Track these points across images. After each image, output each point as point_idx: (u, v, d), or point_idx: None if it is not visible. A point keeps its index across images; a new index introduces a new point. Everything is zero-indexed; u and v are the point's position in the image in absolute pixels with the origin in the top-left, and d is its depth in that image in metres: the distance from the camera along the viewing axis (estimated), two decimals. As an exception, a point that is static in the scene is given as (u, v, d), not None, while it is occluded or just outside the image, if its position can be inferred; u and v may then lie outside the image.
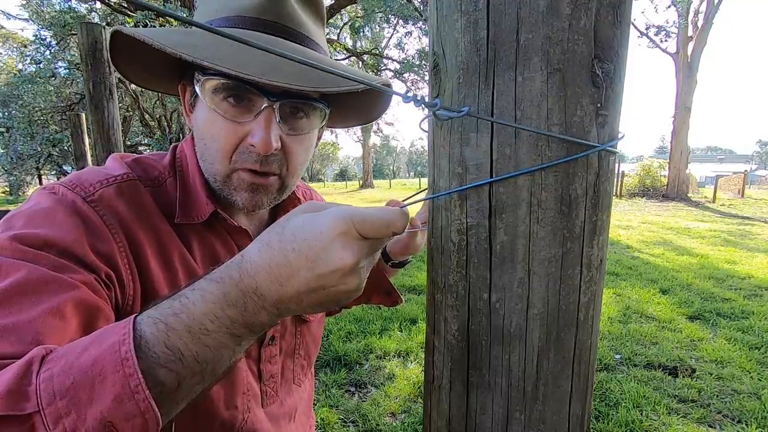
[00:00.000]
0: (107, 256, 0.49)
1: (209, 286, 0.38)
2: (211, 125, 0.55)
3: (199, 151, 0.59)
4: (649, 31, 14.08)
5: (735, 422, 2.26)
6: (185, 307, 0.36)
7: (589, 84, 0.38)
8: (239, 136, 0.55)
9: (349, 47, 12.38)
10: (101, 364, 0.32)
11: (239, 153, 0.55)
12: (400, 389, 2.57)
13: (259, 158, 0.55)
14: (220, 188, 0.58)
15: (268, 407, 0.66)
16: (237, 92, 0.53)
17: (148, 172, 0.59)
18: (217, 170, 0.57)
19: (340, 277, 0.37)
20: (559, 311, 0.41)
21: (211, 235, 0.61)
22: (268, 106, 0.53)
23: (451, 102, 0.42)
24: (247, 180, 0.57)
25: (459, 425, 0.46)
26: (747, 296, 4.23)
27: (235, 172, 0.57)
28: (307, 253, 0.36)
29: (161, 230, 0.55)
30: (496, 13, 0.37)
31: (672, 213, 11.56)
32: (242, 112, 0.54)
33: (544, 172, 0.39)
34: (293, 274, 0.36)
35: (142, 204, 0.55)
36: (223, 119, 0.54)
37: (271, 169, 0.57)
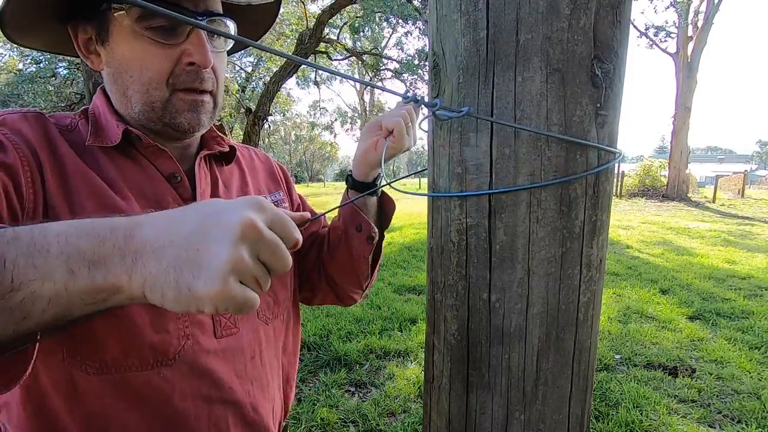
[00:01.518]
0: (8, 166, 0.50)
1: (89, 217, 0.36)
2: (140, 55, 0.55)
3: (122, 87, 0.59)
4: (649, 31, 14.09)
5: (735, 422, 2.26)
6: (46, 224, 0.34)
7: (589, 84, 0.38)
8: (174, 58, 0.56)
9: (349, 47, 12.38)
10: None
11: (175, 75, 0.57)
12: (400, 389, 2.57)
13: (197, 77, 0.58)
14: (160, 115, 0.59)
15: (223, 338, 0.61)
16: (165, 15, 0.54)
17: (60, 120, 0.61)
18: (155, 97, 0.58)
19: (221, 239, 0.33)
20: (559, 311, 0.41)
21: (125, 159, 0.60)
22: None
23: (450, 102, 0.42)
24: (188, 99, 0.59)
25: (459, 425, 0.46)
26: (747, 296, 4.22)
27: (174, 94, 0.58)
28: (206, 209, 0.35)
29: (64, 154, 0.55)
30: (496, 14, 0.37)
31: (672, 213, 11.56)
32: (172, 35, 0.55)
33: (543, 172, 0.39)
34: (180, 222, 0.34)
35: (46, 130, 0.56)
36: (155, 45, 0.55)
37: (207, 87, 0.60)
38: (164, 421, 0.56)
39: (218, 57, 0.61)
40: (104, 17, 0.56)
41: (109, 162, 0.59)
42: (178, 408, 0.57)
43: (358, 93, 32.22)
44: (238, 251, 0.33)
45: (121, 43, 0.56)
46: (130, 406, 0.54)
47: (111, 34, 0.56)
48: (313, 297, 0.87)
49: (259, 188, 0.78)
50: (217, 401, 0.60)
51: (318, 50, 9.23)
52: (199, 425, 0.59)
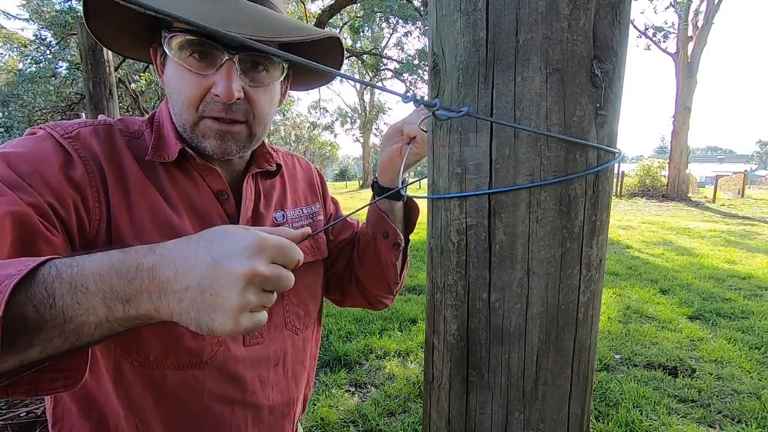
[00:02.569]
0: (77, 182, 0.55)
1: (116, 254, 0.41)
2: (179, 79, 0.61)
3: (171, 104, 0.64)
4: (649, 31, 14.08)
5: (735, 422, 2.26)
6: (82, 261, 0.40)
7: (588, 84, 0.38)
8: (204, 87, 0.60)
9: (349, 47, 12.38)
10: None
11: (205, 103, 0.61)
12: (400, 389, 2.57)
13: (224, 107, 0.61)
14: (190, 137, 0.64)
15: (250, 346, 0.68)
16: (200, 47, 0.59)
17: (129, 126, 0.67)
18: (185, 120, 0.62)
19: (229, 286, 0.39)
20: (559, 311, 0.41)
21: (181, 174, 0.66)
22: (228, 59, 0.59)
23: (450, 102, 0.42)
24: (214, 127, 0.62)
25: (458, 425, 0.46)
26: (747, 296, 4.22)
27: (202, 120, 0.62)
28: (214, 252, 0.40)
29: (127, 167, 0.61)
30: (496, 14, 0.37)
31: (672, 213, 11.55)
32: (206, 66, 0.60)
33: (543, 172, 0.39)
34: (193, 267, 0.40)
35: (114, 144, 0.62)
36: (189, 73, 0.60)
37: (237, 117, 0.63)
38: (192, 415, 0.63)
39: (258, 90, 0.64)
40: (163, 43, 0.61)
41: (167, 175, 0.64)
42: (205, 405, 0.64)
43: (358, 93, 32.22)
44: (246, 296, 0.40)
45: (169, 68, 0.63)
46: (165, 399, 0.62)
47: (167, 59, 0.63)
48: (343, 300, 0.91)
49: (297, 200, 0.82)
50: (239, 403, 0.67)
51: (318, 50, 9.20)
52: (223, 423, 0.66)
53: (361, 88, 31.09)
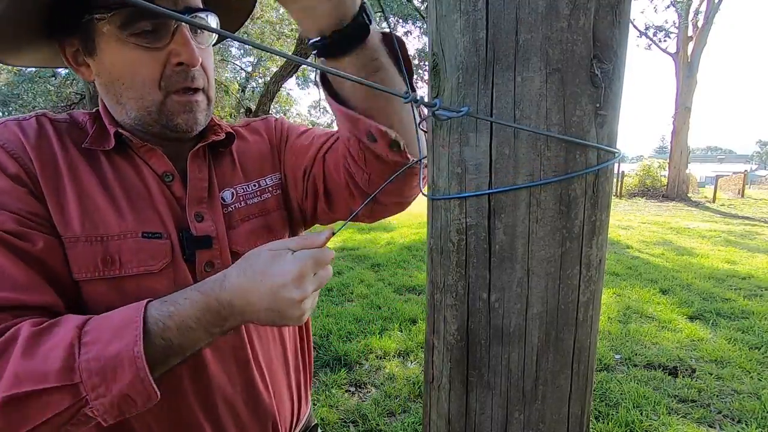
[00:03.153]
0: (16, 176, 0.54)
1: (195, 296, 0.51)
2: (129, 62, 0.56)
3: (115, 95, 0.60)
4: (649, 31, 14.08)
5: (735, 422, 2.26)
6: (177, 311, 0.50)
7: (588, 84, 0.38)
8: (162, 61, 0.57)
9: (349, 47, 12.36)
10: (121, 358, 0.46)
11: (166, 78, 0.57)
12: (400, 389, 2.57)
13: (187, 76, 0.58)
14: (157, 118, 0.60)
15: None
16: (149, 19, 0.54)
17: (75, 117, 0.64)
18: (150, 102, 0.58)
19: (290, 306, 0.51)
20: (558, 311, 0.41)
21: (123, 160, 0.62)
22: (178, 24, 0.55)
23: (450, 102, 0.42)
24: (182, 100, 0.59)
25: (458, 425, 0.46)
26: (747, 296, 4.22)
27: (168, 97, 0.59)
28: (271, 285, 0.50)
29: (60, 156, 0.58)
30: (495, 14, 0.37)
31: (672, 213, 11.56)
32: (157, 38, 0.55)
33: (543, 172, 0.39)
34: (259, 297, 0.51)
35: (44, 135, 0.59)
36: (141, 50, 0.55)
37: (199, 84, 0.60)
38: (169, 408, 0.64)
39: (205, 53, 0.61)
40: (88, 29, 0.56)
41: (108, 163, 0.61)
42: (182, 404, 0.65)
43: (358, 93, 32.15)
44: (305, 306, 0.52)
45: (108, 52, 0.56)
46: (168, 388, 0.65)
47: (97, 44, 0.57)
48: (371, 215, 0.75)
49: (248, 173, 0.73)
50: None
51: (318, 50, 9.20)
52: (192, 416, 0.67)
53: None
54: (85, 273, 0.56)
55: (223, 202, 0.69)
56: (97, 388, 0.45)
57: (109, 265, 0.57)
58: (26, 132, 0.58)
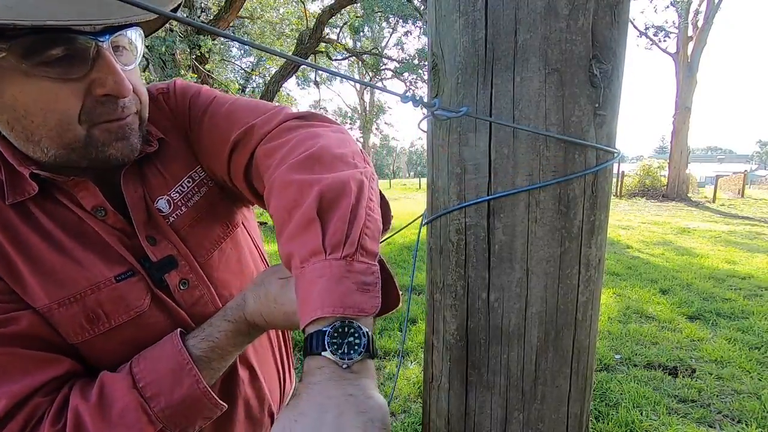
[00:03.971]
0: None
1: (226, 326, 0.58)
2: (37, 97, 0.46)
3: (25, 132, 0.48)
4: (649, 31, 14.08)
5: (735, 422, 2.26)
6: (216, 345, 0.57)
7: (587, 84, 0.38)
8: (80, 93, 0.47)
9: (349, 47, 12.38)
10: (190, 400, 0.54)
11: (87, 111, 0.48)
12: (400, 389, 2.57)
13: (118, 106, 0.50)
14: (84, 154, 0.51)
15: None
16: (63, 44, 0.44)
17: None
18: (71, 139, 0.49)
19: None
20: (558, 311, 0.42)
21: (51, 203, 0.54)
22: (98, 48, 0.46)
23: (449, 102, 0.42)
24: (112, 129, 0.51)
25: (458, 424, 0.47)
26: (747, 296, 4.22)
27: (93, 129, 0.50)
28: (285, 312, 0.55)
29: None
30: (494, 14, 0.37)
31: (672, 213, 11.55)
32: (73, 67, 0.46)
33: (542, 172, 0.39)
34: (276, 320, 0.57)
35: None
36: (53, 82, 0.45)
37: (131, 111, 0.52)
38: None
39: (132, 73, 0.52)
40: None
41: (41, 212, 0.53)
42: None
43: (358, 93, 32.23)
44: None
45: (11, 87, 0.45)
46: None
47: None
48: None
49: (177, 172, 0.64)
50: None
51: (318, 50, 9.23)
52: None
53: (361, 88, 31.09)
54: (76, 336, 0.53)
55: (161, 212, 0.61)
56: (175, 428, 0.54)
57: (96, 323, 0.54)
58: None
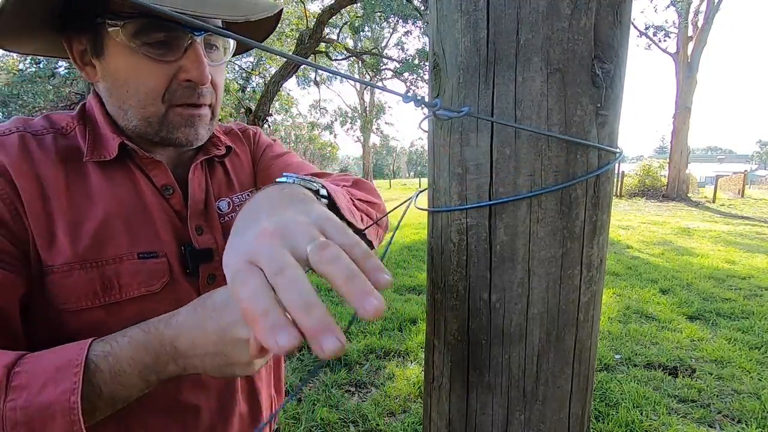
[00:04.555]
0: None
1: (137, 334, 0.46)
2: (135, 71, 0.55)
3: (118, 100, 0.58)
4: (649, 31, 14.09)
5: (735, 422, 2.26)
6: (113, 350, 0.45)
7: (589, 84, 0.38)
8: (169, 75, 0.56)
9: (349, 47, 12.39)
10: (54, 409, 0.40)
11: (172, 91, 0.56)
12: (400, 389, 2.57)
13: (194, 92, 0.57)
14: (157, 130, 0.59)
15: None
16: (162, 31, 0.53)
17: (55, 123, 0.60)
18: (151, 113, 0.57)
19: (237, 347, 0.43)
20: (559, 311, 0.41)
21: (119, 172, 0.60)
22: (193, 41, 0.55)
23: (451, 102, 0.42)
24: (185, 114, 0.58)
25: (459, 425, 0.46)
26: (747, 296, 4.22)
27: (171, 110, 0.58)
28: (219, 322, 0.43)
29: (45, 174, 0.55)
30: (496, 13, 0.37)
31: (672, 213, 11.55)
32: (168, 51, 0.55)
33: (544, 172, 0.39)
34: (205, 336, 0.43)
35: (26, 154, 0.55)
36: (150, 61, 0.54)
37: (205, 101, 0.60)
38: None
39: (217, 69, 0.61)
40: (98, 31, 0.54)
41: (102, 174, 0.58)
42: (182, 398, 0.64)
43: (358, 93, 32.24)
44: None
45: (117, 58, 0.55)
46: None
47: (106, 47, 0.55)
48: None
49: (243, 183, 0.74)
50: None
51: (318, 50, 9.22)
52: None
53: (361, 88, 31.10)
54: (84, 302, 0.53)
55: (220, 211, 0.68)
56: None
57: (108, 291, 0.55)
58: (7, 151, 0.54)
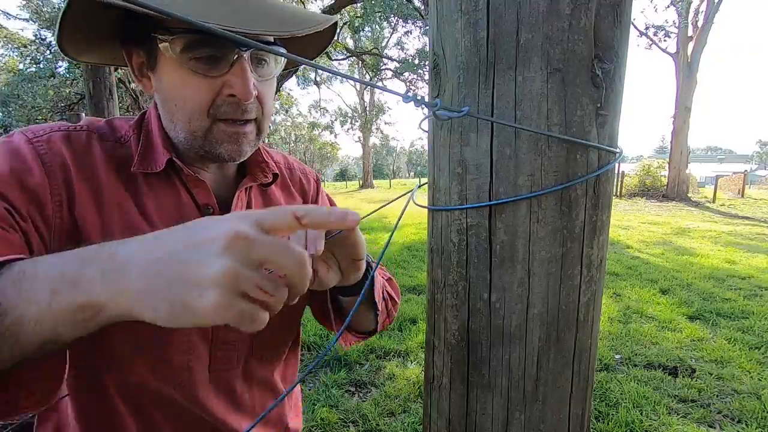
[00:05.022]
0: (32, 189, 0.51)
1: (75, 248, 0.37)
2: (183, 85, 0.56)
3: (168, 113, 0.59)
4: (649, 31, 14.09)
5: (735, 422, 2.26)
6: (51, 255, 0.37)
7: (589, 84, 0.38)
8: (215, 90, 0.56)
9: (349, 47, 12.38)
10: None
11: (217, 106, 0.57)
12: (400, 389, 2.57)
13: (238, 107, 0.57)
14: (201, 144, 0.59)
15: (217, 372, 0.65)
16: (208, 47, 0.54)
17: (116, 130, 0.62)
18: (197, 127, 0.58)
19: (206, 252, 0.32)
20: (559, 311, 0.41)
21: (164, 185, 0.61)
22: (239, 56, 0.55)
23: (451, 102, 0.42)
24: (229, 130, 0.58)
25: (459, 425, 0.46)
26: (747, 296, 4.22)
27: (215, 124, 0.58)
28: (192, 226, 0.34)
29: (103, 177, 0.57)
30: (496, 14, 0.37)
31: (672, 213, 11.56)
32: (214, 67, 0.55)
33: (544, 172, 0.39)
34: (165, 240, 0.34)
35: (89, 151, 0.58)
36: (197, 76, 0.55)
37: (251, 116, 0.59)
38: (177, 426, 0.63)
39: (265, 85, 0.61)
40: (153, 45, 0.56)
41: (148, 187, 0.60)
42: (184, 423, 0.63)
43: (358, 93, 32.23)
44: (228, 262, 0.31)
45: (167, 72, 0.57)
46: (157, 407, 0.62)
47: (158, 61, 0.57)
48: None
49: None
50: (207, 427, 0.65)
51: (318, 50, 9.20)
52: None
53: (361, 88, 31.08)
54: None
55: None
56: None
57: None
58: (73, 146, 0.57)
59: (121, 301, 0.33)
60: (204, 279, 0.31)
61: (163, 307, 0.32)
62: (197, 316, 0.31)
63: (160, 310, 0.32)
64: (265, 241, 0.33)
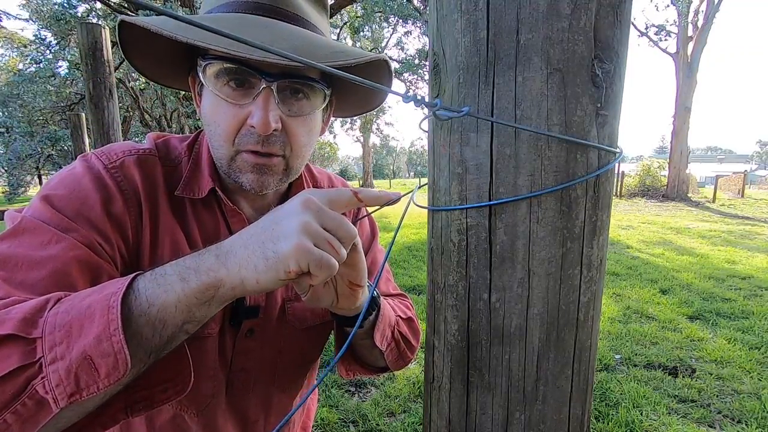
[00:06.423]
0: (118, 218, 0.55)
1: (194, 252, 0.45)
2: (214, 110, 0.57)
3: (208, 136, 0.61)
4: (649, 31, 14.09)
5: (735, 422, 2.26)
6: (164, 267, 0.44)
7: (589, 84, 0.38)
8: (240, 118, 0.56)
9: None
10: (94, 308, 0.38)
11: (241, 135, 0.57)
12: (400, 389, 2.57)
13: (260, 139, 0.57)
14: (227, 171, 0.60)
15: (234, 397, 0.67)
16: (237, 75, 0.55)
17: (170, 152, 0.65)
18: (222, 153, 0.59)
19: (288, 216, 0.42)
20: (559, 311, 0.41)
21: (206, 212, 0.63)
22: (266, 87, 0.55)
23: (451, 102, 0.42)
24: (250, 161, 0.58)
25: (459, 425, 0.46)
26: (747, 296, 4.22)
27: (239, 154, 0.58)
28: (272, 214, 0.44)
29: (161, 203, 0.60)
30: (496, 13, 0.37)
31: (672, 213, 11.56)
32: (243, 95, 0.56)
33: (544, 172, 0.39)
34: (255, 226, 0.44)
35: (154, 177, 0.60)
36: (225, 103, 0.56)
37: (274, 150, 0.58)
38: None
39: (297, 120, 0.59)
40: (198, 72, 0.59)
41: (193, 212, 0.63)
42: None
43: (358, 93, 32.14)
44: (304, 217, 0.42)
45: (206, 95, 0.59)
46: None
47: (203, 88, 0.60)
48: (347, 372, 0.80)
49: None
50: None
51: (318, 50, 9.20)
52: None
53: (361, 88, 30.95)
54: None
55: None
56: (56, 347, 0.36)
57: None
58: (144, 173, 0.59)
59: (233, 272, 0.41)
60: (287, 231, 0.41)
61: (261, 263, 0.41)
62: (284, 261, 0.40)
63: (260, 265, 0.40)
64: (330, 211, 0.43)
